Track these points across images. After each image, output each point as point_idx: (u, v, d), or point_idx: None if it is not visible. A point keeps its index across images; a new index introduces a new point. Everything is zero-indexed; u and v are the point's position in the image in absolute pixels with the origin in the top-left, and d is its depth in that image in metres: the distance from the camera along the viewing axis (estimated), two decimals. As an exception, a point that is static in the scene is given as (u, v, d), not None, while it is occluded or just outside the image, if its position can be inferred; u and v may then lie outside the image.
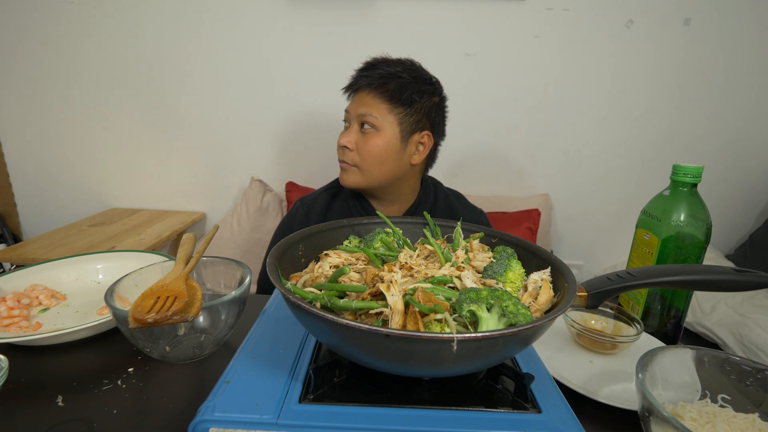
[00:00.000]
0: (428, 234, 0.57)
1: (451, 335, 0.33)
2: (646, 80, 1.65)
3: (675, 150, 1.73)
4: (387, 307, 0.40)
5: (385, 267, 0.47)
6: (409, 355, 0.36)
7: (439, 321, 0.39)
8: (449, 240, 0.63)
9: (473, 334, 0.34)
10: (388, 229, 0.61)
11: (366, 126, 0.88)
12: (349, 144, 0.88)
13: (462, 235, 0.61)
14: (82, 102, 1.73)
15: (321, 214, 0.98)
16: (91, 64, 1.68)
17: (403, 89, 0.87)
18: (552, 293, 0.47)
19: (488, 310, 0.39)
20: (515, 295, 0.46)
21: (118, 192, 1.86)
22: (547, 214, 1.73)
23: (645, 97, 1.67)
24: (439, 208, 1.01)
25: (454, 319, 0.40)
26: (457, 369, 0.38)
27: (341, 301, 0.43)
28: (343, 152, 0.90)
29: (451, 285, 0.46)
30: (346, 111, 0.91)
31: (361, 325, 0.35)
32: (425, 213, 0.66)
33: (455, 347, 0.33)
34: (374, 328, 0.34)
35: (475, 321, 0.40)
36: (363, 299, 0.43)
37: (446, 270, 0.47)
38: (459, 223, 0.64)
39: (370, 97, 0.88)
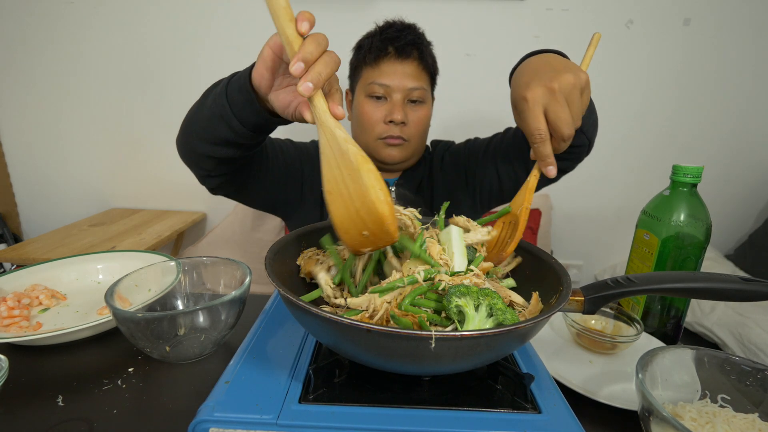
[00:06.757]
0: (407, 243, 0.49)
1: (429, 333, 0.33)
2: (645, 80, 1.65)
3: (675, 150, 1.73)
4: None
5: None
6: (391, 350, 0.36)
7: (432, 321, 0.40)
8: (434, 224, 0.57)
9: (452, 333, 0.34)
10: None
11: (413, 99, 0.85)
12: (405, 119, 0.85)
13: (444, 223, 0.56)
14: (82, 102, 1.73)
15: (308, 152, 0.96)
16: (92, 64, 1.68)
17: (432, 58, 0.87)
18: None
19: (476, 309, 0.39)
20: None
21: (118, 192, 1.86)
22: (547, 214, 1.73)
23: (644, 97, 1.67)
24: (435, 169, 0.98)
25: (445, 318, 0.40)
26: (442, 367, 0.38)
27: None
28: (396, 128, 0.85)
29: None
30: (382, 85, 0.84)
31: (343, 319, 0.35)
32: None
33: (433, 345, 0.34)
34: (355, 322, 0.35)
35: (463, 320, 0.40)
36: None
37: (467, 280, 0.44)
38: (443, 206, 0.57)
39: (419, 69, 0.84)
